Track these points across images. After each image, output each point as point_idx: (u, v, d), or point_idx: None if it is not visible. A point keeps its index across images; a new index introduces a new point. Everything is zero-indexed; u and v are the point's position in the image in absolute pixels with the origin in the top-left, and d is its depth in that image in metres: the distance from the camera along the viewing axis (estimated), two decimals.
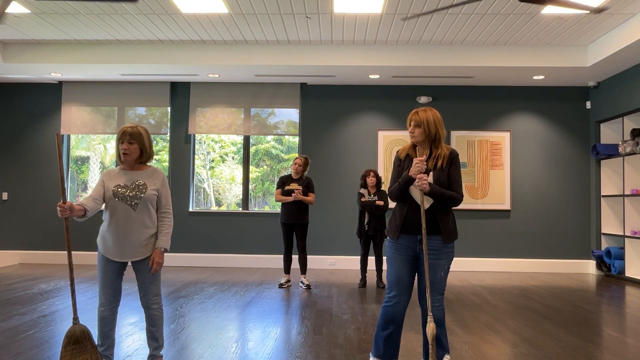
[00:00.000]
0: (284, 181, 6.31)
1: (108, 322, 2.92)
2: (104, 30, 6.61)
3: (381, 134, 8.13)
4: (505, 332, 4.20)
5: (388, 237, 2.96)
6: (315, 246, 8.06)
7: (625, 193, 7.18)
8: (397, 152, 3.05)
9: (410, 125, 2.92)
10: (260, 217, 8.14)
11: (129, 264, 3.18)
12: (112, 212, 2.93)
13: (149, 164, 3.12)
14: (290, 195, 6.14)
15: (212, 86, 8.24)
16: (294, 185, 6.21)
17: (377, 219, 6.30)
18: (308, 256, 8.06)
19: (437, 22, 6.16)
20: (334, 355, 3.52)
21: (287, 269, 6.32)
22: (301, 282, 6.26)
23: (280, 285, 6.23)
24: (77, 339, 2.70)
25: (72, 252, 8.21)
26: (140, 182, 2.99)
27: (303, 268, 6.27)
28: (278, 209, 8.33)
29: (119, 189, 2.94)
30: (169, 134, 8.27)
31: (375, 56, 7.05)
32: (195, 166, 8.42)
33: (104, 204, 2.96)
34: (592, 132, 7.99)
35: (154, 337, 3.04)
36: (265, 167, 8.72)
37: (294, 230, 6.24)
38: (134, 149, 2.97)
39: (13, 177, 8.37)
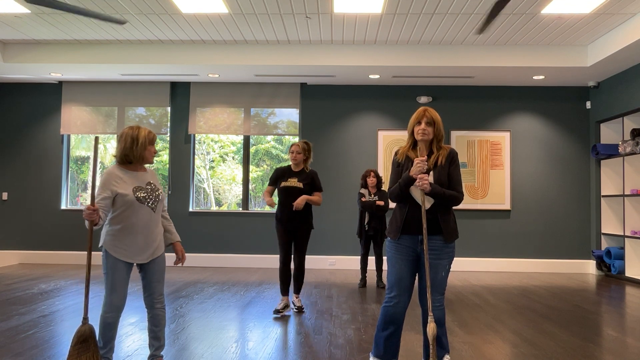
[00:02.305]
0: (279, 175, 4.86)
1: (112, 327, 2.88)
2: (104, 30, 6.61)
3: (381, 134, 8.13)
4: (505, 332, 4.20)
5: (389, 238, 2.96)
6: (315, 246, 8.06)
7: (625, 193, 7.18)
8: (395, 152, 3.04)
9: (420, 123, 2.89)
10: (260, 217, 8.14)
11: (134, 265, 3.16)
12: (132, 214, 2.88)
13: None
14: (288, 195, 4.76)
15: (212, 86, 8.25)
16: (293, 182, 4.75)
17: (378, 219, 6.30)
18: (308, 256, 8.04)
19: (437, 22, 6.16)
20: (334, 355, 3.52)
21: (285, 289, 4.85)
22: (292, 303, 4.97)
23: (277, 312, 4.71)
24: (86, 338, 2.73)
25: (73, 252, 8.21)
26: (152, 184, 3.02)
27: (297, 286, 4.88)
28: None
29: (140, 192, 2.92)
30: (169, 134, 8.27)
31: (375, 56, 7.05)
32: (195, 166, 8.42)
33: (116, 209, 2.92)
34: (592, 132, 8.00)
35: (157, 337, 3.03)
36: (265, 166, 8.72)
37: (293, 235, 4.82)
38: None
39: (13, 177, 8.37)
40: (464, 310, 5.05)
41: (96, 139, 2.85)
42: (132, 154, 2.94)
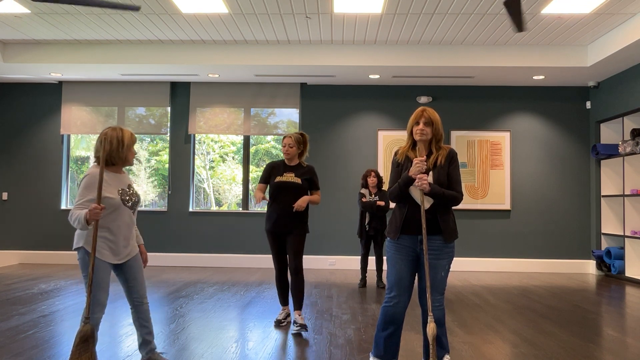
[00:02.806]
0: (272, 170, 4.34)
1: (97, 327, 2.92)
2: (104, 30, 6.61)
3: (381, 134, 8.13)
4: (505, 332, 4.20)
5: (388, 238, 2.96)
6: (315, 246, 8.06)
7: (625, 193, 7.18)
8: (394, 153, 3.04)
9: (419, 123, 2.89)
10: (260, 217, 8.14)
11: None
12: (117, 216, 2.94)
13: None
14: (284, 191, 4.21)
15: (212, 86, 8.25)
16: (289, 176, 4.23)
17: (378, 219, 6.30)
18: (308, 256, 8.04)
19: (437, 22, 6.16)
20: (334, 355, 3.52)
21: (284, 298, 4.41)
22: (294, 321, 4.17)
23: (278, 323, 4.33)
24: (87, 338, 2.76)
25: (73, 252, 8.21)
26: (131, 185, 3.09)
27: (298, 300, 4.21)
28: None
29: (125, 195, 2.99)
30: (169, 134, 8.28)
31: (375, 56, 7.05)
32: (195, 166, 8.42)
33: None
34: (592, 132, 8.00)
35: (150, 332, 3.09)
36: (265, 166, 8.71)
37: (284, 239, 4.28)
38: None
39: (13, 177, 8.37)
40: (464, 310, 5.05)
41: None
42: (118, 155, 2.96)
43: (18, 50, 7.23)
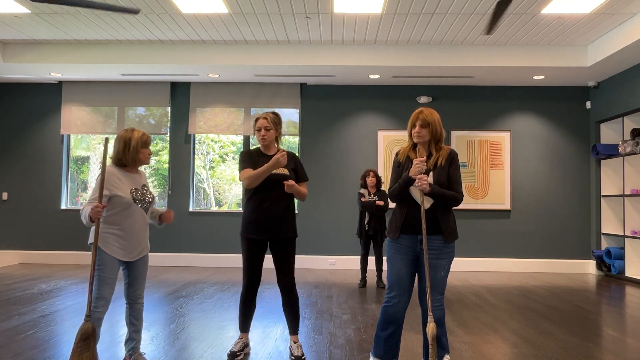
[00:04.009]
0: (253, 159, 3.43)
1: (101, 322, 2.95)
2: (104, 30, 6.61)
3: (381, 134, 8.13)
4: (505, 332, 4.20)
5: (388, 238, 2.96)
6: (315, 246, 8.06)
7: (625, 193, 7.18)
8: (396, 153, 3.05)
9: (415, 126, 2.90)
10: None
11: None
12: (129, 215, 2.99)
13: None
14: (270, 187, 3.35)
15: (212, 86, 8.25)
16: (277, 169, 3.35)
17: (378, 219, 6.30)
18: (308, 257, 8.04)
19: (437, 22, 6.16)
20: (334, 355, 3.52)
21: (245, 323, 3.46)
22: (290, 349, 3.46)
23: (233, 355, 3.35)
24: (88, 336, 2.77)
25: (73, 252, 8.21)
26: (146, 185, 3.14)
27: (293, 323, 3.46)
28: None
29: (137, 194, 3.04)
30: (169, 134, 8.28)
31: (375, 56, 7.05)
32: (195, 166, 8.42)
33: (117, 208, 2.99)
34: (592, 132, 8.00)
35: (138, 330, 3.14)
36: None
37: (267, 249, 3.43)
38: None
39: (13, 177, 8.37)
40: (464, 310, 5.05)
41: (106, 140, 2.96)
42: (125, 157, 3.03)
43: (18, 50, 7.23)
